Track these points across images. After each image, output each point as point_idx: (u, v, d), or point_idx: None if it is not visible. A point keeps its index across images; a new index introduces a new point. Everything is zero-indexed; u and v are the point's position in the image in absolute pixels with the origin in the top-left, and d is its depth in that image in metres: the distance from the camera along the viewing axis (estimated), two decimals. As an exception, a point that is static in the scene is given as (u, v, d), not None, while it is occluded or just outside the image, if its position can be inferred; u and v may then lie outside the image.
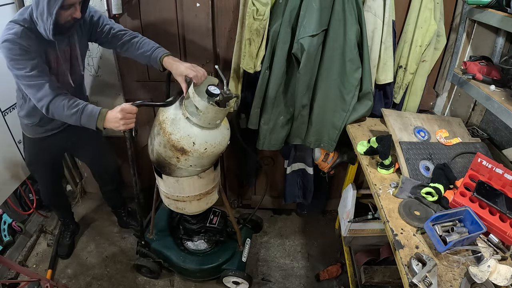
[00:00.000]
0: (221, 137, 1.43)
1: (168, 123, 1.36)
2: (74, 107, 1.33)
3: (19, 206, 2.29)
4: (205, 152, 1.39)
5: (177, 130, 1.35)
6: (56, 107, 1.33)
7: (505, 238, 1.11)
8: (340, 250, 2.31)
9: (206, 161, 1.47)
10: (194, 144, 1.36)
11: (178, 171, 1.51)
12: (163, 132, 1.37)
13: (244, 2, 1.62)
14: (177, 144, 1.36)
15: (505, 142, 1.59)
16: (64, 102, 1.33)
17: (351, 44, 1.58)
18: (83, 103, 1.34)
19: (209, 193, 1.70)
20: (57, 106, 1.32)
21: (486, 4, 1.42)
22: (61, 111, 1.33)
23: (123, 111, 1.31)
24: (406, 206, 1.25)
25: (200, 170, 1.53)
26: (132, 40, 1.55)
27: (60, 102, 1.32)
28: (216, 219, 2.02)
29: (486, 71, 1.51)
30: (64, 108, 1.32)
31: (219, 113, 1.35)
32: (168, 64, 1.46)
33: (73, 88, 1.56)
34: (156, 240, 2.06)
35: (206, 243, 2.05)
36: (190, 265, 1.98)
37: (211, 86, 1.35)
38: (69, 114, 1.33)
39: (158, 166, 1.55)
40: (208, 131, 1.38)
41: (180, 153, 1.38)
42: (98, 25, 1.54)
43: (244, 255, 2.06)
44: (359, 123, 1.79)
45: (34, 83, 1.31)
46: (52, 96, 1.32)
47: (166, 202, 1.75)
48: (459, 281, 1.00)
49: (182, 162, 1.43)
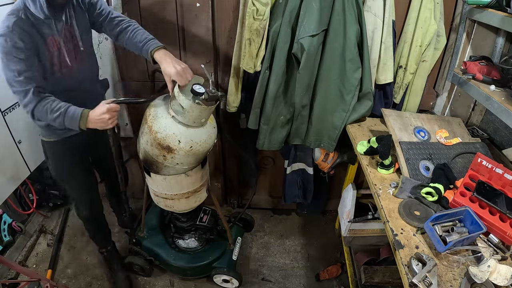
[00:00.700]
0: (206, 135, 1.44)
1: (155, 122, 1.39)
2: (57, 111, 1.33)
3: (19, 206, 2.29)
4: (191, 150, 1.40)
5: (163, 128, 1.37)
6: (40, 112, 1.33)
7: (505, 238, 1.11)
8: (340, 250, 2.31)
9: (192, 159, 1.48)
10: (180, 142, 1.37)
11: (166, 169, 1.51)
12: (149, 131, 1.39)
13: (244, 2, 1.62)
14: (163, 142, 1.38)
15: (505, 142, 1.59)
16: (47, 107, 1.33)
17: (351, 44, 1.58)
18: (65, 106, 1.35)
19: (197, 191, 1.71)
20: (41, 111, 1.33)
21: (486, 4, 1.42)
22: (45, 116, 1.34)
23: (110, 111, 1.34)
24: (406, 206, 1.25)
25: (187, 168, 1.53)
26: (127, 28, 1.51)
27: (44, 107, 1.33)
28: (207, 217, 2.03)
29: (486, 71, 1.51)
30: (47, 112, 1.33)
31: (203, 112, 1.36)
32: (159, 59, 1.42)
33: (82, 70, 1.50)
34: (147, 238, 2.07)
35: (196, 241, 2.06)
36: (181, 263, 1.99)
37: (196, 85, 1.35)
38: (52, 118, 1.34)
39: (146, 164, 1.56)
40: (194, 129, 1.40)
41: (166, 151, 1.40)
42: (97, 7, 1.51)
43: (234, 254, 2.07)
44: (359, 123, 1.79)
45: (20, 90, 1.30)
46: (36, 101, 1.32)
47: (155, 200, 1.76)
48: (459, 281, 1.00)
49: (169, 160, 1.44)
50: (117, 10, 1.75)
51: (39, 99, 1.32)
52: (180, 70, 1.35)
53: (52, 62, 1.39)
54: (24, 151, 1.92)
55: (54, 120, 1.35)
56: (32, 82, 1.30)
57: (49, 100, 1.34)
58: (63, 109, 1.34)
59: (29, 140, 1.92)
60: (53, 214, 2.57)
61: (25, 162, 1.95)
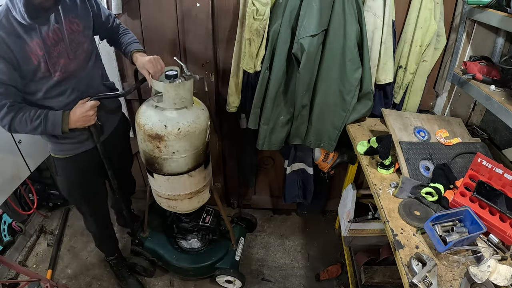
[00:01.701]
0: (193, 116, 1.46)
1: (141, 117, 1.44)
2: (37, 119, 1.29)
3: (19, 206, 2.29)
4: (180, 133, 1.41)
5: (149, 119, 1.42)
6: (19, 124, 1.28)
7: (505, 238, 1.11)
8: (340, 250, 2.31)
9: (186, 144, 1.47)
10: (166, 127, 1.40)
11: (167, 164, 1.51)
12: (139, 127, 1.44)
13: (244, 2, 1.62)
14: (151, 132, 1.40)
15: (505, 142, 1.59)
16: (26, 116, 1.27)
17: (351, 44, 1.58)
18: (44, 112, 1.30)
19: (200, 192, 1.71)
20: (20, 122, 1.27)
21: (486, 4, 1.41)
22: (25, 127, 1.29)
23: (93, 107, 1.38)
24: (406, 206, 1.25)
25: (186, 158, 1.52)
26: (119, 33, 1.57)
27: (22, 117, 1.27)
28: (209, 217, 2.03)
29: (486, 71, 1.51)
30: (27, 122, 1.28)
31: (179, 90, 1.38)
32: (135, 59, 1.49)
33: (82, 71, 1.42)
34: (149, 239, 2.07)
35: (199, 242, 2.06)
36: (184, 264, 1.99)
37: (168, 70, 1.41)
38: (33, 127, 1.30)
39: (148, 165, 1.57)
40: (178, 112, 1.42)
41: (157, 141, 1.42)
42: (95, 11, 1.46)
43: (237, 254, 2.07)
44: (359, 123, 1.79)
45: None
46: (12, 114, 1.25)
47: (158, 201, 1.76)
48: (459, 281, 1.00)
49: (164, 151, 1.45)
50: (117, 10, 1.75)
51: (15, 111, 1.26)
52: (152, 59, 1.42)
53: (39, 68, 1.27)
54: (24, 151, 1.92)
55: (35, 129, 1.31)
56: (7, 97, 1.23)
57: (26, 110, 1.28)
58: (43, 115, 1.30)
59: (29, 140, 1.92)
60: (53, 214, 2.57)
61: (25, 162, 1.95)
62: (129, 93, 1.49)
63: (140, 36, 1.89)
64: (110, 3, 1.74)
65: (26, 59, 1.22)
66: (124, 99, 2.12)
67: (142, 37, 1.89)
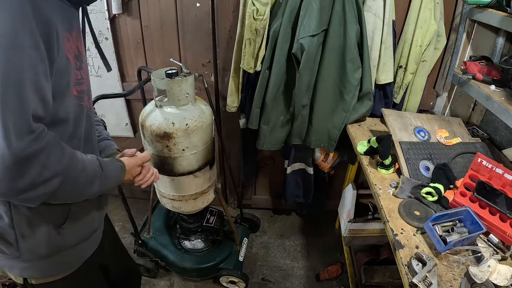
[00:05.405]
0: (198, 111, 1.47)
1: (147, 118, 1.44)
2: (90, 160, 0.82)
3: (19, 206, 2.27)
4: (188, 128, 1.42)
5: (155, 119, 1.41)
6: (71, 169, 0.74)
7: (505, 238, 1.11)
8: (340, 250, 2.30)
9: (196, 139, 1.48)
10: (174, 124, 1.40)
11: (177, 163, 1.51)
12: (145, 130, 1.43)
13: (244, 2, 1.62)
14: (159, 131, 1.40)
15: (505, 142, 1.59)
16: (77, 154, 0.78)
17: (351, 44, 1.58)
18: (91, 154, 0.86)
19: (205, 192, 1.70)
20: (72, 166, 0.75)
21: (486, 4, 1.41)
22: (78, 173, 0.76)
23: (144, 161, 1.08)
24: (406, 206, 1.25)
25: (197, 154, 1.52)
26: None
27: (69, 153, 0.75)
28: (213, 218, 2.03)
29: (486, 71, 1.51)
30: (78, 164, 0.76)
31: (182, 84, 1.39)
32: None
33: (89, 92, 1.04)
34: (153, 239, 2.07)
35: (203, 242, 2.06)
36: (187, 264, 1.98)
37: (168, 69, 1.41)
38: (91, 174, 0.80)
39: (158, 167, 1.55)
40: (183, 108, 1.43)
41: (166, 140, 1.41)
42: None
43: (241, 255, 2.06)
44: (359, 123, 1.79)
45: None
46: (54, 142, 0.72)
47: (162, 202, 1.76)
48: (459, 281, 1.00)
49: (174, 149, 1.45)
50: (117, 10, 1.76)
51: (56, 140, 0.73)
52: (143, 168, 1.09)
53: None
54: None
55: (91, 179, 0.81)
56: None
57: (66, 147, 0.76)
58: (94, 157, 0.85)
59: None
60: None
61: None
62: (133, 92, 1.49)
63: (140, 36, 1.89)
64: (110, 3, 1.74)
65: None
66: (124, 99, 2.12)
67: (142, 37, 1.89)
